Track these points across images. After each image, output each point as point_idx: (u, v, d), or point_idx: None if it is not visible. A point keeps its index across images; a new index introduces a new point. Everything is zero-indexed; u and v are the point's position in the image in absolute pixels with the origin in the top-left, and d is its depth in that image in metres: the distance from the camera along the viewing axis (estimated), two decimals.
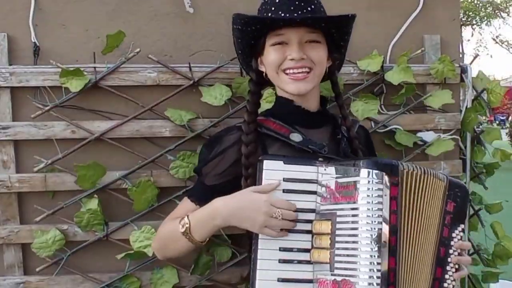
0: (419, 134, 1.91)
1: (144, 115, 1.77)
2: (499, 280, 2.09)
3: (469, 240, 2.03)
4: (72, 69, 1.71)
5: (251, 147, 1.34)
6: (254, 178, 1.28)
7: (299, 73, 1.33)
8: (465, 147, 2.00)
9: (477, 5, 23.08)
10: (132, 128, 1.77)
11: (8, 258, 1.78)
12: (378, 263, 1.16)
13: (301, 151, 1.34)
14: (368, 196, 1.18)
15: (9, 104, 1.74)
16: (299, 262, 1.23)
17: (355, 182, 1.19)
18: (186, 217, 1.34)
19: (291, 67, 1.33)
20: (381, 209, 1.17)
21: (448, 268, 1.29)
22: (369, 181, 1.18)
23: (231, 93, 1.77)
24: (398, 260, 1.19)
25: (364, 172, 1.18)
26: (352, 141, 1.44)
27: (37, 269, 1.77)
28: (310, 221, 1.24)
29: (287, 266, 1.22)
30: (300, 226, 1.24)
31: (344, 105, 1.47)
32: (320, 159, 1.28)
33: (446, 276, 1.30)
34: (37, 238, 1.74)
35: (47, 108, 1.73)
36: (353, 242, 1.18)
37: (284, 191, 1.24)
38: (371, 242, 1.16)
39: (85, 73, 1.72)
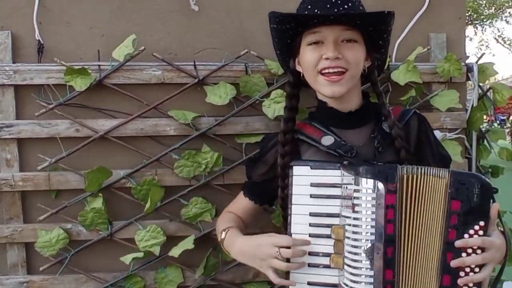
0: None
1: (148, 113, 1.77)
2: (508, 281, 2.08)
3: None
4: (76, 67, 1.70)
5: (287, 159, 1.35)
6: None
7: (334, 73, 1.29)
8: (471, 146, 1.99)
9: (480, 5, 23.05)
10: (137, 127, 1.76)
11: (11, 257, 1.78)
12: (370, 276, 1.14)
13: (330, 155, 1.33)
14: (365, 206, 1.16)
15: (13, 102, 1.74)
16: (325, 266, 1.23)
17: (355, 190, 1.17)
18: (226, 231, 1.40)
19: (327, 67, 1.29)
20: (374, 219, 1.14)
21: (461, 273, 1.14)
22: (366, 191, 1.16)
23: (235, 91, 1.76)
24: (397, 272, 1.15)
25: (363, 181, 1.16)
26: (394, 139, 1.35)
27: (41, 268, 1.76)
28: (332, 226, 1.24)
29: (314, 270, 1.24)
30: (325, 231, 1.23)
31: (385, 105, 1.39)
32: (345, 162, 1.25)
33: (459, 283, 1.15)
34: (40, 237, 1.73)
35: (51, 106, 1.72)
36: (354, 253, 1.16)
37: (311, 196, 1.25)
38: (363, 254, 1.15)
39: (90, 71, 1.71)
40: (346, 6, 1.28)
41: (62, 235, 1.74)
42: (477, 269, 1.15)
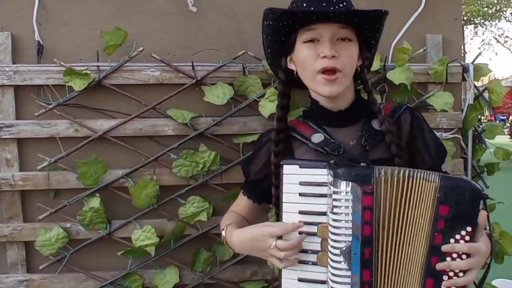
0: None
1: (147, 113, 1.78)
2: (498, 279, 2.09)
3: None
4: (75, 68, 1.71)
5: (280, 158, 1.36)
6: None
7: (331, 72, 1.29)
8: (467, 146, 2.00)
9: (480, 6, 23.06)
10: (135, 127, 1.78)
11: (11, 256, 1.79)
12: (348, 276, 1.17)
13: (318, 152, 1.35)
14: (341, 207, 1.18)
15: (13, 102, 1.75)
16: (313, 263, 1.25)
17: (334, 192, 1.20)
18: (225, 229, 1.45)
19: (325, 67, 1.29)
20: (351, 221, 1.17)
21: (444, 277, 1.14)
22: (344, 192, 1.18)
23: (233, 92, 1.78)
24: (375, 273, 1.17)
25: (340, 183, 1.19)
26: (385, 135, 1.35)
27: (40, 267, 1.78)
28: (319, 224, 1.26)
29: (304, 267, 1.26)
30: (313, 229, 1.25)
31: (375, 102, 1.39)
32: (331, 161, 1.26)
33: (443, 286, 1.15)
34: (40, 236, 1.75)
35: (50, 106, 1.74)
36: (333, 254, 1.19)
37: (300, 194, 1.26)
38: (340, 254, 1.18)
39: (89, 71, 1.73)
40: (341, 5, 1.30)
41: (61, 234, 1.75)
42: (461, 274, 1.14)
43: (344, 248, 1.17)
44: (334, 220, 1.19)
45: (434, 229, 1.15)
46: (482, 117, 2.06)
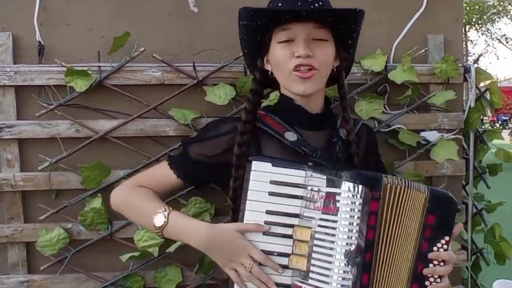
0: (422, 134, 1.91)
1: (148, 114, 1.78)
2: (499, 279, 2.09)
3: (472, 240, 2.04)
4: (76, 68, 1.71)
5: (244, 149, 1.33)
6: (243, 180, 1.26)
7: (306, 70, 1.30)
8: (468, 146, 2.00)
9: (481, 7, 23.04)
10: (136, 127, 1.78)
11: (12, 256, 1.79)
12: (349, 279, 1.15)
13: (293, 151, 1.32)
14: (347, 210, 1.16)
15: (14, 102, 1.75)
16: (279, 266, 1.21)
17: (336, 194, 1.18)
18: (166, 212, 1.31)
19: (299, 64, 1.29)
20: (358, 224, 1.16)
21: (427, 283, 1.23)
22: (349, 195, 1.17)
23: (235, 92, 1.78)
24: (372, 277, 1.17)
25: (345, 185, 1.17)
26: (350, 145, 1.40)
27: (41, 268, 1.78)
28: (292, 226, 1.22)
29: (267, 269, 1.22)
30: (282, 230, 1.22)
31: (347, 108, 1.43)
32: (310, 163, 1.25)
33: None
34: (41, 237, 1.74)
35: (51, 107, 1.74)
36: (329, 255, 1.17)
37: (270, 193, 1.22)
38: (344, 257, 1.16)
39: (90, 72, 1.72)
40: (316, 4, 1.29)
41: (62, 234, 1.75)
42: (438, 280, 1.25)
43: (349, 251, 1.16)
44: (333, 221, 1.17)
45: (422, 237, 1.23)
46: (485, 118, 2.06)
